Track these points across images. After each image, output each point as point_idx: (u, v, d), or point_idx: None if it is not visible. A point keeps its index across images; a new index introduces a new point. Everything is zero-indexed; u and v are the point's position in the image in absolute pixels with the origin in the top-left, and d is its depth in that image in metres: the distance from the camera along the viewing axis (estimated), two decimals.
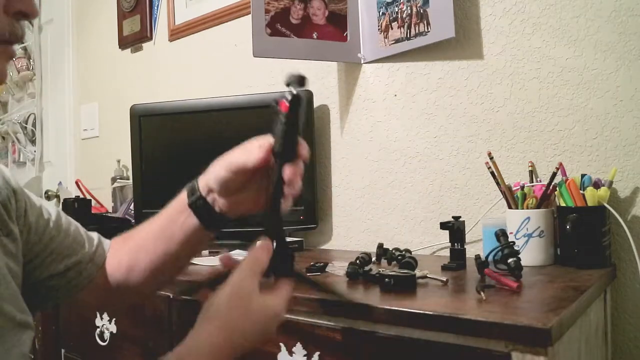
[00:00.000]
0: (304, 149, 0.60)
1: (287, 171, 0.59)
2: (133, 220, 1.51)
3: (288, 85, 0.61)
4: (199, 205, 0.65)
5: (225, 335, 0.53)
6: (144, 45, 1.87)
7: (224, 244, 1.28)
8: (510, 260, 0.75)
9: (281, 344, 0.73)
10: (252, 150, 0.61)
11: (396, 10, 1.20)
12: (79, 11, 2.16)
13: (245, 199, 0.65)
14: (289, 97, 0.59)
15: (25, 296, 0.57)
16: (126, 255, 0.68)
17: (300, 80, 0.60)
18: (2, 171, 0.62)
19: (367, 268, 0.81)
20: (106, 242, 0.71)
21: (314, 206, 1.28)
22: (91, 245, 0.68)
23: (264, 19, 1.18)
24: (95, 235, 0.71)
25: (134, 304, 0.99)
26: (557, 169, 0.92)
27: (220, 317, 0.53)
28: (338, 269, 0.87)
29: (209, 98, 1.40)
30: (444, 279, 0.76)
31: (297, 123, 0.59)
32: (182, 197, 0.66)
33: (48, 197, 2.08)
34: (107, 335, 1.04)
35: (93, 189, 1.86)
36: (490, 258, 0.79)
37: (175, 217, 0.66)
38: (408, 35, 1.18)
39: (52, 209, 0.67)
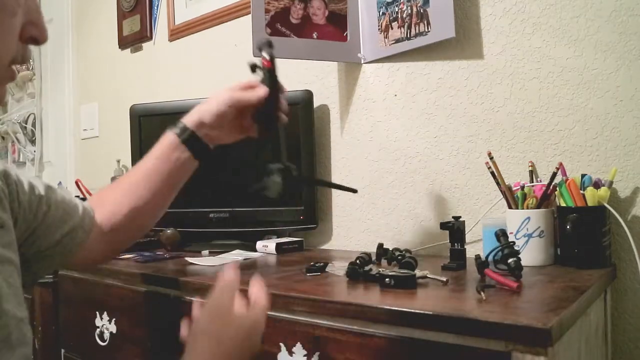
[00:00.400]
0: (282, 87, 0.85)
1: (283, 103, 0.84)
2: None
3: (260, 49, 0.83)
4: (191, 140, 0.81)
5: (214, 345, 0.58)
6: (144, 45, 1.87)
7: (224, 244, 1.29)
8: (510, 260, 0.75)
9: (281, 344, 0.73)
10: (252, 92, 0.81)
11: (396, 10, 1.20)
12: (79, 11, 2.16)
13: (229, 132, 0.84)
14: (267, 57, 0.82)
15: (24, 267, 0.61)
16: (123, 199, 0.79)
17: (269, 43, 0.83)
18: None
19: (367, 268, 0.81)
20: (88, 206, 0.78)
21: (314, 206, 1.28)
22: (78, 212, 0.75)
23: (264, 19, 1.18)
24: (78, 201, 0.77)
25: (134, 303, 0.99)
26: (557, 169, 0.92)
27: (204, 331, 0.59)
28: (338, 269, 0.87)
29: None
30: (444, 279, 0.76)
31: (276, 74, 0.83)
32: (171, 138, 0.82)
33: None
34: (107, 335, 1.04)
35: (93, 189, 1.85)
36: (490, 258, 0.79)
37: (167, 155, 0.81)
38: (408, 35, 1.18)
39: (39, 184, 0.71)
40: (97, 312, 1.06)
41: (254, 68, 0.83)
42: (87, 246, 0.76)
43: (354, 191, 0.98)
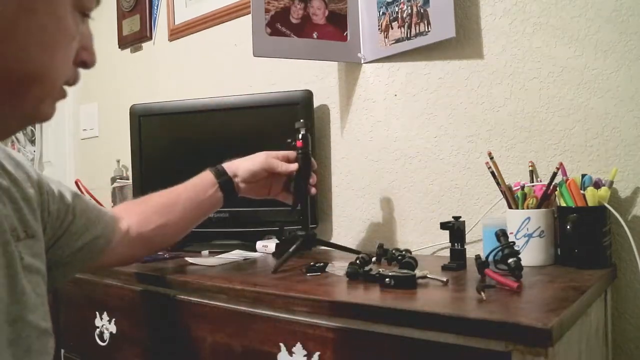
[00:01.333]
0: (314, 164, 1.03)
1: (314, 177, 1.02)
2: None
3: (297, 129, 1.01)
4: (226, 184, 0.94)
5: None
6: (144, 45, 1.87)
7: (224, 244, 1.29)
8: (510, 260, 0.75)
9: (281, 344, 0.73)
10: (288, 165, 0.99)
11: (396, 10, 1.20)
12: None
13: (257, 188, 0.99)
14: (301, 136, 1.00)
15: (47, 272, 0.63)
16: (155, 215, 0.87)
17: (306, 125, 1.01)
18: (23, 165, 0.64)
19: (367, 268, 0.81)
20: (113, 214, 0.83)
21: (314, 206, 1.28)
22: (101, 220, 0.78)
23: (264, 19, 1.18)
24: (102, 209, 0.81)
25: (135, 303, 0.99)
26: (558, 169, 0.92)
27: None
28: (338, 269, 0.87)
29: (209, 98, 1.40)
30: (444, 279, 0.76)
31: (309, 151, 1.01)
32: (210, 176, 0.94)
33: None
34: (106, 335, 1.03)
35: (93, 189, 1.85)
36: (490, 258, 0.79)
37: (205, 189, 0.93)
38: (408, 35, 1.18)
39: (67, 192, 0.73)
40: (97, 312, 1.06)
41: (289, 145, 1.01)
42: (107, 252, 0.79)
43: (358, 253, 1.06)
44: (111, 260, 0.82)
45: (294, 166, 0.99)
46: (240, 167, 0.96)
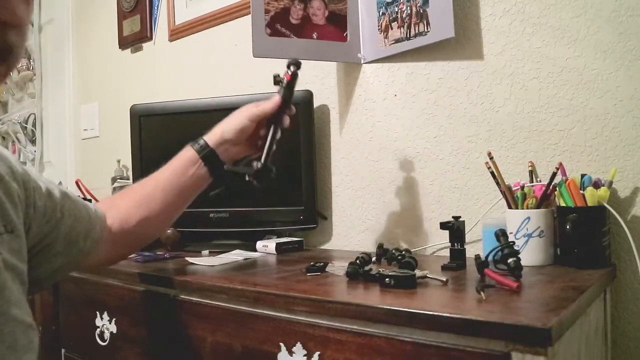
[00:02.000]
0: (292, 108, 0.94)
1: (286, 119, 0.92)
2: None
3: (289, 65, 0.95)
4: (209, 157, 0.86)
5: None
6: (144, 45, 1.87)
7: (224, 244, 1.29)
8: (510, 260, 0.75)
9: (281, 344, 0.73)
10: (268, 102, 0.90)
11: (396, 10, 1.20)
12: (79, 11, 2.16)
13: (248, 145, 0.91)
14: (291, 71, 0.94)
15: (31, 272, 0.61)
16: (135, 209, 0.82)
17: (297, 63, 0.95)
18: (7, 159, 0.62)
19: (367, 268, 0.81)
20: (99, 211, 0.79)
21: (313, 206, 1.28)
22: (89, 219, 0.76)
23: (264, 19, 1.18)
24: (90, 207, 0.77)
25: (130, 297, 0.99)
26: (557, 169, 0.92)
27: None
28: (338, 269, 0.87)
29: (209, 98, 1.40)
30: (444, 279, 0.76)
31: (293, 89, 0.94)
32: (190, 153, 0.87)
33: None
34: (107, 335, 1.04)
35: (93, 189, 1.85)
36: (490, 258, 0.79)
37: (185, 169, 0.86)
38: (408, 35, 1.18)
39: (56, 189, 0.71)
40: (97, 312, 1.06)
41: (276, 79, 0.95)
42: (94, 252, 0.76)
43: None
44: (99, 259, 0.79)
45: (277, 98, 0.91)
46: (225, 129, 0.88)
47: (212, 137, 0.88)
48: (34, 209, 0.65)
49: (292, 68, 0.95)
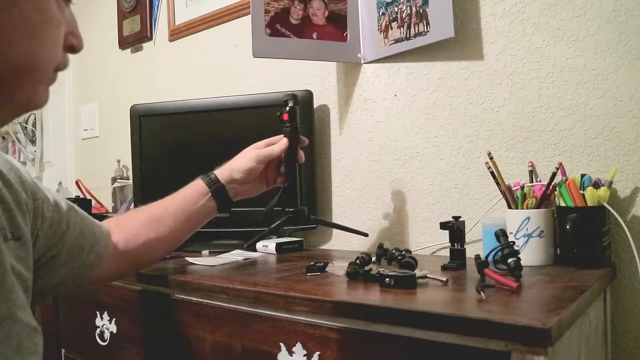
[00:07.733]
0: (303, 140, 1.00)
1: (301, 155, 0.99)
2: None
3: (285, 102, 1.00)
4: (219, 192, 0.90)
5: None
6: (144, 45, 1.87)
7: (224, 244, 1.29)
8: (510, 260, 0.75)
9: (281, 344, 0.73)
10: (275, 146, 0.96)
11: (396, 10, 1.20)
12: (79, 11, 2.14)
13: (256, 185, 0.96)
14: (289, 108, 0.99)
15: (35, 283, 0.62)
16: (143, 229, 0.84)
17: (293, 96, 1.00)
18: (17, 169, 0.63)
19: (367, 268, 0.81)
20: (104, 227, 0.81)
21: (314, 206, 1.28)
22: (94, 235, 0.76)
23: (264, 19, 1.18)
24: (95, 223, 0.78)
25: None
26: (557, 169, 0.92)
27: None
28: (338, 269, 0.87)
29: (209, 98, 1.40)
30: (444, 279, 0.76)
31: (296, 125, 0.99)
32: (201, 185, 0.90)
33: None
34: (107, 335, 1.04)
35: (93, 189, 1.86)
36: (490, 258, 0.79)
37: (195, 200, 0.89)
38: (408, 35, 1.18)
39: (63, 202, 0.72)
40: (97, 312, 1.06)
41: (278, 118, 0.99)
42: (97, 268, 0.77)
43: (365, 235, 1.17)
44: (101, 275, 0.79)
45: (284, 141, 0.96)
46: (234, 169, 0.92)
47: (221, 173, 0.92)
48: (42, 219, 0.66)
49: (290, 104, 0.98)
